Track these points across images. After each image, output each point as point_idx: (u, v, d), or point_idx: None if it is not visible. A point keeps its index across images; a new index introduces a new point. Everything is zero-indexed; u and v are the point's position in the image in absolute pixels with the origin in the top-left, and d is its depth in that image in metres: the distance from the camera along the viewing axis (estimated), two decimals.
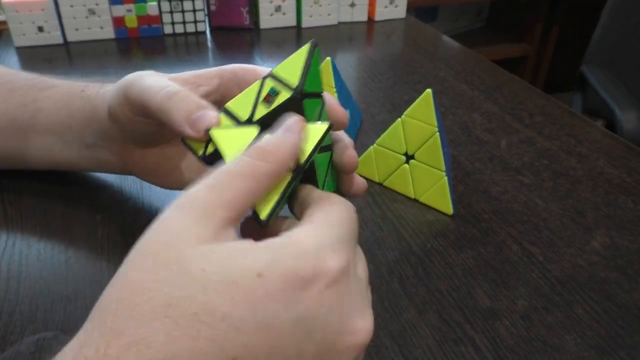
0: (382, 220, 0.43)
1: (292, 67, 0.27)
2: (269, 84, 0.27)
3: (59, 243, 0.39)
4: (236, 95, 0.29)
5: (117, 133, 0.36)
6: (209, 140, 0.28)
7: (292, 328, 0.21)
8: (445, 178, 0.42)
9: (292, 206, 0.27)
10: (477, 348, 0.32)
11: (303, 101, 0.27)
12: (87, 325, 0.21)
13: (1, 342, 0.31)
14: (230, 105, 0.28)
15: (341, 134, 0.30)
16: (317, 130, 0.26)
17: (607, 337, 0.33)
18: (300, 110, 0.27)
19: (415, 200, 0.45)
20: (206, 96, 0.32)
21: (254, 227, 0.24)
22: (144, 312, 0.20)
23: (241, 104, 0.28)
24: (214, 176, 0.23)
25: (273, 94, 0.27)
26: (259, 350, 0.20)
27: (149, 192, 0.45)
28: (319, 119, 0.28)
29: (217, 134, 0.27)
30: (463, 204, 0.44)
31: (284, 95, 0.27)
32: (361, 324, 0.23)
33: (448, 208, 0.43)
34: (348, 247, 0.23)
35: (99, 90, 0.38)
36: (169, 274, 0.21)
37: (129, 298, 0.21)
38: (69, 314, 0.33)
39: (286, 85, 0.27)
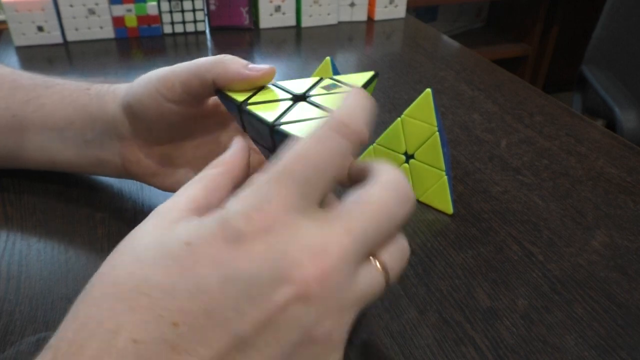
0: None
1: (353, 79, 0.31)
2: (328, 81, 0.31)
3: (59, 243, 0.39)
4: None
5: (126, 129, 0.37)
6: (254, 93, 0.31)
7: (223, 288, 0.21)
8: (445, 178, 0.42)
9: None
10: (477, 348, 0.32)
11: None
12: None
13: (1, 342, 0.31)
14: (281, 83, 0.32)
15: None
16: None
17: (607, 336, 0.33)
18: None
19: (415, 200, 0.45)
20: None
21: None
22: (94, 294, 0.22)
23: (294, 84, 0.31)
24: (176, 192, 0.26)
25: (333, 87, 0.31)
26: (196, 313, 0.21)
27: (149, 192, 0.45)
28: None
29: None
30: (463, 203, 0.44)
31: (345, 90, 0.30)
32: (298, 273, 0.21)
33: (448, 208, 0.43)
34: (284, 197, 0.22)
35: (109, 88, 0.39)
36: (122, 257, 0.23)
37: (87, 287, 0.23)
38: None
39: (348, 85, 0.31)
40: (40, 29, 0.76)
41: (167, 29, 0.82)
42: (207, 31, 0.84)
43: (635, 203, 0.45)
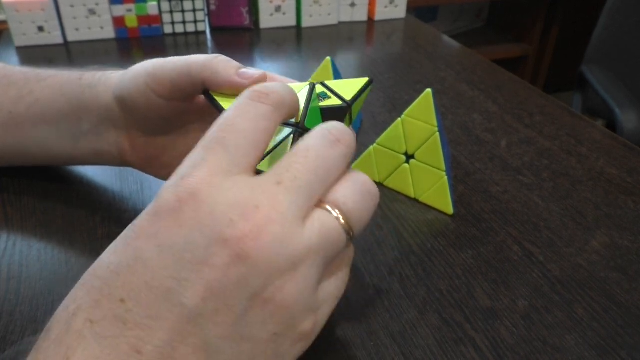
0: (382, 220, 0.43)
1: (347, 87, 0.31)
2: (320, 88, 0.31)
3: (59, 243, 0.39)
4: None
5: (121, 119, 0.37)
6: None
7: (158, 258, 0.21)
8: (446, 178, 0.42)
9: None
10: (477, 348, 0.32)
11: (349, 112, 0.30)
12: None
13: (2, 343, 0.31)
14: None
15: None
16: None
17: (607, 337, 0.33)
18: (342, 118, 0.30)
19: (416, 200, 0.45)
20: None
21: None
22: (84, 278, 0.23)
23: None
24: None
25: (323, 96, 0.30)
26: (138, 287, 0.21)
27: (149, 192, 0.45)
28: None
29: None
30: (463, 203, 0.44)
31: (335, 102, 0.30)
32: (230, 232, 0.21)
33: (448, 208, 0.43)
34: (207, 161, 0.22)
35: (101, 77, 0.38)
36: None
37: None
38: None
39: (338, 96, 0.31)
40: (40, 29, 0.76)
41: (168, 29, 0.82)
42: (208, 31, 0.84)
43: (635, 204, 0.45)
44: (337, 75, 0.52)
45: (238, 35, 0.83)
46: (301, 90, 0.30)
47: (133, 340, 0.21)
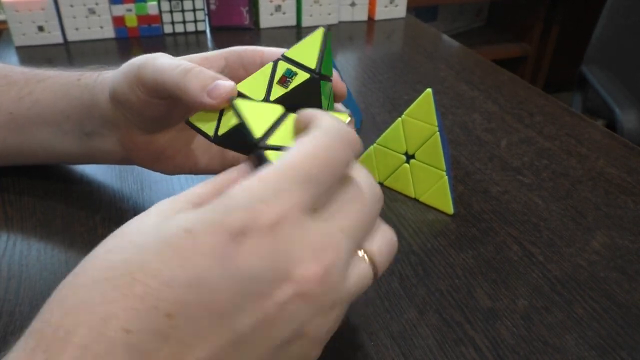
0: (382, 219, 0.42)
1: (307, 51, 0.28)
2: (283, 66, 0.28)
3: (59, 243, 0.39)
4: (242, 77, 0.29)
5: (121, 119, 0.36)
6: (219, 118, 0.28)
7: (223, 282, 0.21)
8: (446, 178, 0.42)
9: None
10: (477, 348, 0.32)
11: (320, 82, 0.27)
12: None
13: (1, 343, 0.31)
14: (240, 87, 0.29)
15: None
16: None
17: (607, 337, 0.33)
18: (317, 91, 0.27)
19: (416, 200, 0.45)
20: None
21: None
22: (86, 277, 0.21)
23: (252, 86, 0.28)
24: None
25: (289, 75, 0.28)
26: (192, 305, 0.20)
27: (149, 192, 0.45)
28: (329, 99, 0.29)
29: (242, 105, 0.27)
30: (463, 203, 0.44)
31: (302, 77, 0.27)
32: (300, 272, 0.21)
33: (448, 208, 0.43)
34: (292, 194, 0.22)
35: (97, 78, 0.38)
36: (115, 241, 0.22)
37: (77, 270, 0.22)
38: None
39: (303, 67, 0.27)
40: (40, 28, 0.76)
41: (168, 29, 0.82)
42: (208, 31, 0.84)
43: (635, 203, 0.45)
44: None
45: (238, 34, 0.83)
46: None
47: (169, 356, 0.20)
